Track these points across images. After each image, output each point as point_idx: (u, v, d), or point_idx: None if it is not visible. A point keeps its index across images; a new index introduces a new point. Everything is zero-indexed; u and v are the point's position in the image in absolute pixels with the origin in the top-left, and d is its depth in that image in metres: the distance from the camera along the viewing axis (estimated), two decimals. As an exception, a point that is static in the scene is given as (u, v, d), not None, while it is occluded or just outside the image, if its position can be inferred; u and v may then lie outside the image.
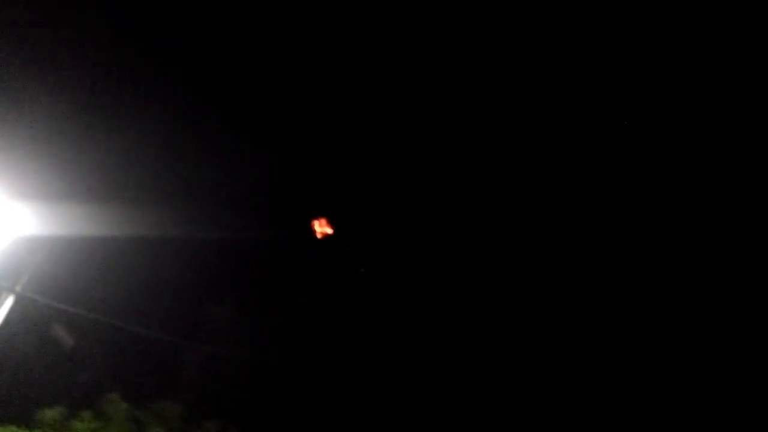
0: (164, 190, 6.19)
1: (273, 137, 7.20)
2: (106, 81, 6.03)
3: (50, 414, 5.83)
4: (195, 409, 6.31)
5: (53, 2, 6.02)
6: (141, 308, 6.37)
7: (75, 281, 6.02)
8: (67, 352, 6.15)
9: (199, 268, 6.82)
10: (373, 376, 7.22)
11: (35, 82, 5.89)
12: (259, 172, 6.82)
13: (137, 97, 6.49)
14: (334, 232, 7.66)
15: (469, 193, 7.53)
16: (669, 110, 7.17)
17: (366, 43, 6.61)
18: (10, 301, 5.74)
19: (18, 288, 5.79)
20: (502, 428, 7.25)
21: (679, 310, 7.45)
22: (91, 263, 6.06)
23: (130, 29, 6.24)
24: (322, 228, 7.64)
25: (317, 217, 7.68)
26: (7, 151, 5.65)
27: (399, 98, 7.17)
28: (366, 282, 7.83)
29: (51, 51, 6.01)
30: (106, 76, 6.29)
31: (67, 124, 5.84)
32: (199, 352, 6.89)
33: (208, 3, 6.28)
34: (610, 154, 7.35)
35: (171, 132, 6.33)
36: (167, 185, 6.20)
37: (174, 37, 6.29)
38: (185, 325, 6.95)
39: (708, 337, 7.32)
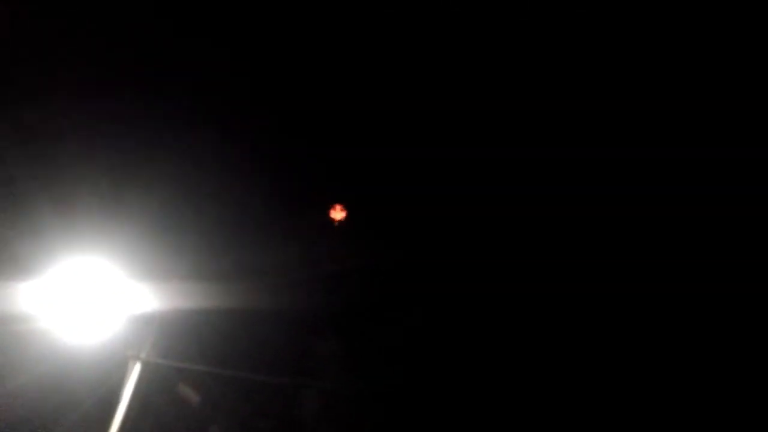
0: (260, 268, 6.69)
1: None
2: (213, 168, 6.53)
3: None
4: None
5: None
6: (253, 357, 6.77)
7: (192, 342, 6.50)
8: (196, 408, 6.62)
9: (296, 305, 7.16)
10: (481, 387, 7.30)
11: (150, 169, 6.42)
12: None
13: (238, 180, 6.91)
14: (348, 216, 7.73)
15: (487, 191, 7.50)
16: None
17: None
18: (138, 369, 6.29)
19: (143, 355, 6.32)
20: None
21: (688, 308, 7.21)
22: (202, 328, 6.52)
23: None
24: (337, 214, 7.74)
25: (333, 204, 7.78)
26: (126, 234, 6.19)
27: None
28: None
29: (163, 142, 6.50)
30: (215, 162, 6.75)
31: (180, 210, 6.40)
32: (312, 389, 7.21)
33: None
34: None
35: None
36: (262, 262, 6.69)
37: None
38: (295, 365, 7.30)
39: (708, 336, 7.07)
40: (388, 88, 7.17)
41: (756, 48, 6.54)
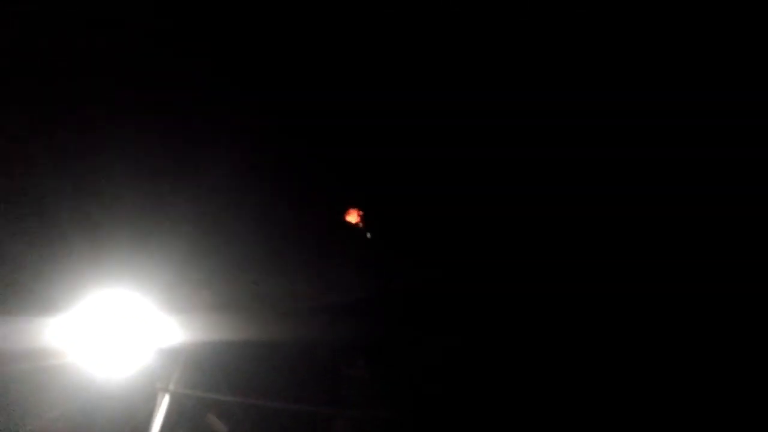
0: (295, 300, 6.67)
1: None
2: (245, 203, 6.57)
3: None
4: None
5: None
6: (281, 386, 6.71)
7: (220, 372, 6.48)
8: (225, 439, 6.58)
9: (324, 334, 7.09)
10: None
11: (184, 204, 6.45)
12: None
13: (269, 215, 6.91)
14: (362, 220, 7.62)
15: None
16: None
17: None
18: (166, 400, 6.30)
19: (171, 387, 6.33)
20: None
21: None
22: (231, 353, 6.48)
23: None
24: (352, 218, 7.63)
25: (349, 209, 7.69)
26: (156, 269, 6.21)
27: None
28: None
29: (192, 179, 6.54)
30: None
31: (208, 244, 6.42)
32: (343, 420, 7.11)
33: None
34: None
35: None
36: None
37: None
38: (324, 393, 7.22)
39: (708, 336, 6.84)
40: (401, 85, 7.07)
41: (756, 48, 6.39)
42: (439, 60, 6.91)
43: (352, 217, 7.81)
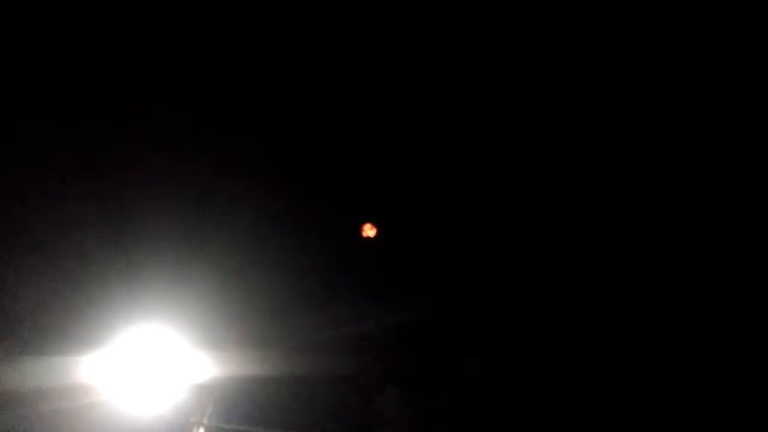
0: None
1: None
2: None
3: None
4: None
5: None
6: (312, 419, 6.67)
7: (253, 406, 6.46)
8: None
9: (351, 362, 7.04)
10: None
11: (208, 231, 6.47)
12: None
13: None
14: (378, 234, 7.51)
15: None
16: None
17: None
18: (200, 434, 6.31)
19: (205, 420, 6.34)
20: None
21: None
22: (263, 388, 6.47)
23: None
24: (368, 232, 7.52)
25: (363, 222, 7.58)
26: (189, 305, 6.23)
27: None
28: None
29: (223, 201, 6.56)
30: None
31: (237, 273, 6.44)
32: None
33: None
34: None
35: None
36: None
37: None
38: (357, 420, 7.16)
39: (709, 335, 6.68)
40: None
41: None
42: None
43: (370, 230, 7.75)
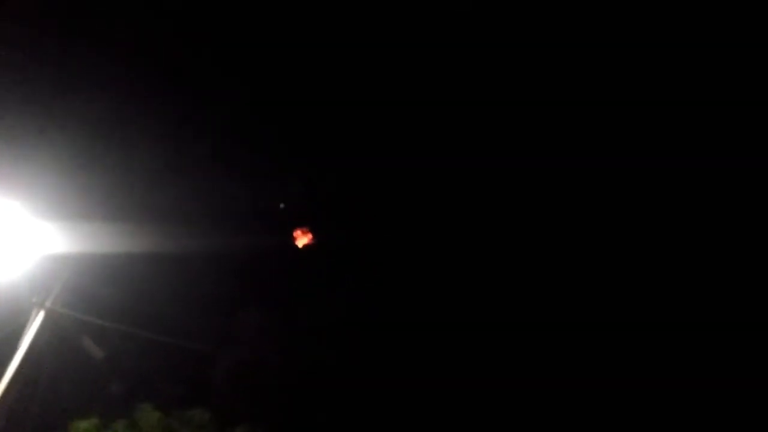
0: (182, 211, 6.43)
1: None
2: (132, 104, 6.31)
3: (83, 425, 5.95)
4: (226, 415, 6.40)
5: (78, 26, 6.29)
6: (170, 320, 6.51)
7: (103, 295, 6.20)
8: (99, 364, 6.30)
9: (221, 279, 6.95)
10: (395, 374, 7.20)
11: (60, 105, 6.15)
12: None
13: (160, 119, 6.69)
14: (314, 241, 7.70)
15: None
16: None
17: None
18: (40, 317, 5.95)
19: (47, 303, 5.98)
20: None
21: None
22: (117, 278, 6.24)
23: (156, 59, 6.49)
24: (302, 238, 7.68)
25: (298, 228, 7.74)
26: (33, 173, 5.89)
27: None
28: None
29: (74, 79, 6.26)
30: (132, 100, 6.53)
31: (92, 145, 6.11)
32: (229, 358, 6.98)
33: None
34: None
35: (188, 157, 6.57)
36: (184, 205, 6.45)
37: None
38: (214, 334, 7.07)
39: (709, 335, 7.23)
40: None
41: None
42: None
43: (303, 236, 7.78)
